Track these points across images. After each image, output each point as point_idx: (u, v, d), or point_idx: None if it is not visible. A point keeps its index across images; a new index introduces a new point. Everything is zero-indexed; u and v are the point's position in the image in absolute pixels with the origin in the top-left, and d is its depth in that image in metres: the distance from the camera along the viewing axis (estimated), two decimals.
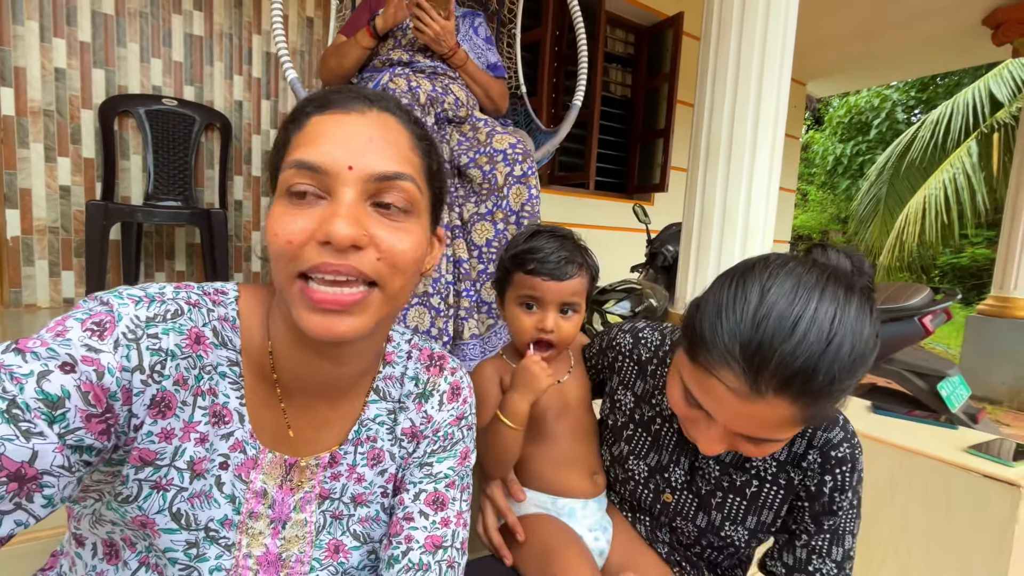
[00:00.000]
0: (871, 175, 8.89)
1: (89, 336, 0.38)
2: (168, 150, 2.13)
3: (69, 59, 1.97)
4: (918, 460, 1.05)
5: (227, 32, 2.29)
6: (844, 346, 0.47)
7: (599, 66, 3.36)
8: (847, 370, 0.48)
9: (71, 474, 0.36)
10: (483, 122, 1.35)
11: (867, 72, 5.00)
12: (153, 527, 0.44)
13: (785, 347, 0.47)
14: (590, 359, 0.86)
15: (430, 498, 0.56)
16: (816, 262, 0.53)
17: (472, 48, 1.50)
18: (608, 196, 3.76)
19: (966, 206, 6.97)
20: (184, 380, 0.44)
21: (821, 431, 0.64)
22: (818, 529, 0.64)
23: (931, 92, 9.86)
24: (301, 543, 0.52)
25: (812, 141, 12.07)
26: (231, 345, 0.48)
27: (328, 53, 1.44)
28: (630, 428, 0.77)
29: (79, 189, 2.05)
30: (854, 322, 0.48)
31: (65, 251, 2.04)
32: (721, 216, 1.49)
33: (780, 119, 1.46)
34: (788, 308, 0.48)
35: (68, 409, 0.35)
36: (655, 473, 0.74)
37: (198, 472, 0.45)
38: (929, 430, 1.19)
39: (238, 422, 0.48)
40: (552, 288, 0.74)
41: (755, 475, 0.67)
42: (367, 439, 0.56)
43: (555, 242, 0.76)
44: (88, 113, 2.03)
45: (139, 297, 0.43)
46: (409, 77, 1.32)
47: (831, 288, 0.49)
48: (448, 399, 0.59)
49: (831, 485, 0.63)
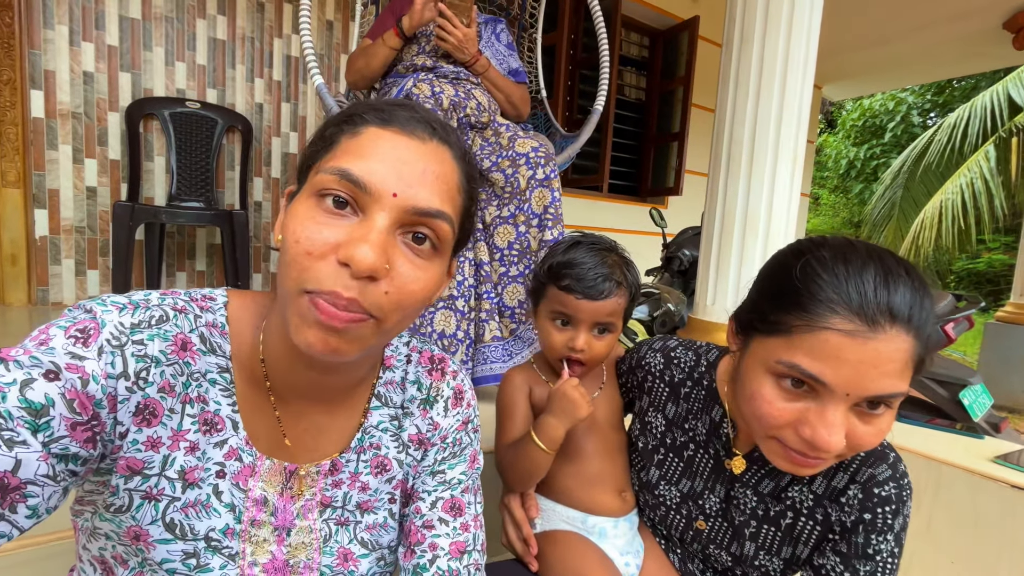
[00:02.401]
0: (886, 179, 8.80)
1: (73, 343, 0.38)
2: (191, 152, 2.17)
3: (97, 63, 2.02)
4: (944, 469, 1.04)
5: (249, 36, 2.33)
6: (923, 288, 0.49)
7: (614, 69, 3.36)
8: (931, 308, 0.49)
9: (56, 483, 0.36)
10: (505, 127, 1.36)
11: (883, 76, 4.95)
12: (147, 539, 0.43)
13: (880, 283, 0.48)
14: (621, 375, 0.84)
15: (447, 505, 0.56)
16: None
17: (494, 54, 1.51)
18: (621, 199, 3.76)
19: (983, 211, 6.88)
20: (171, 387, 0.43)
21: (866, 467, 0.60)
22: (847, 570, 0.58)
23: (947, 96, 9.74)
24: (308, 550, 0.51)
25: (825, 145, 11.96)
26: (220, 351, 0.47)
27: (355, 55, 1.46)
28: (660, 452, 0.74)
29: (105, 190, 2.09)
30: (917, 273, 0.50)
31: (91, 251, 2.09)
32: (742, 222, 1.49)
33: (803, 126, 1.46)
34: (868, 257, 0.50)
35: (52, 417, 0.35)
36: (687, 499, 0.72)
37: (191, 481, 0.45)
38: (952, 439, 1.18)
39: (231, 429, 0.47)
40: (586, 307, 0.71)
41: (790, 506, 0.64)
42: (371, 446, 0.55)
43: (595, 256, 0.73)
44: (115, 116, 2.07)
45: (123, 304, 0.42)
46: (432, 82, 1.34)
47: (889, 252, 0.52)
48: (452, 404, 0.58)
49: (869, 524, 0.58)
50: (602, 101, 1.57)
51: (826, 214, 12.13)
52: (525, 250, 1.26)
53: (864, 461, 0.60)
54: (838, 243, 0.53)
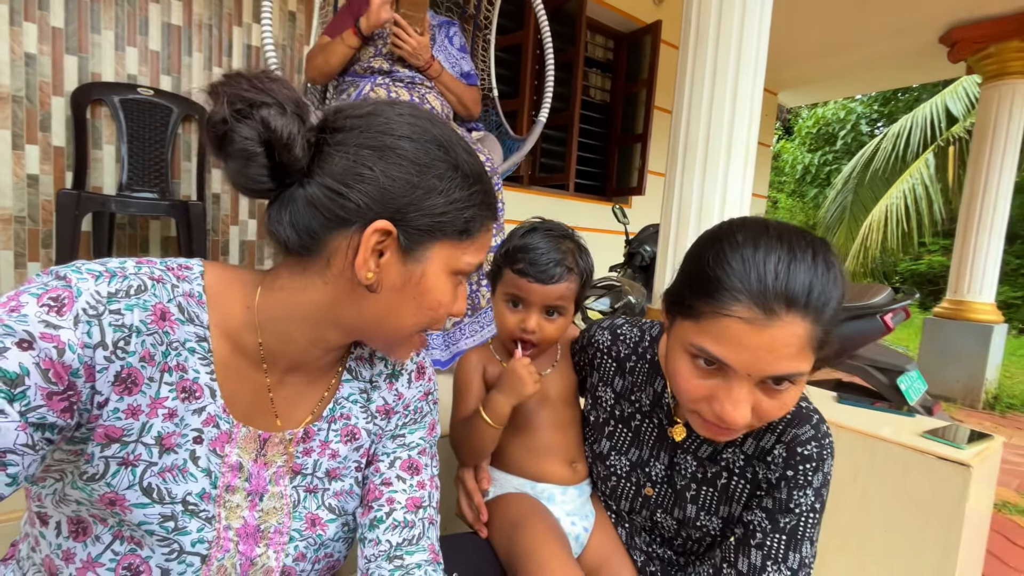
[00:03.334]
0: (837, 184, 9.26)
1: (47, 312, 0.37)
2: (144, 141, 2.08)
3: (40, 44, 1.91)
4: (878, 444, 1.12)
5: (207, 23, 2.26)
6: (829, 271, 0.52)
7: (579, 70, 3.42)
8: (835, 289, 0.52)
9: (35, 452, 0.36)
10: None
11: (833, 85, 5.22)
12: (123, 503, 0.44)
13: (782, 270, 0.51)
14: (575, 354, 0.87)
15: (405, 464, 0.60)
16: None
17: (447, 57, 1.58)
18: (587, 198, 3.83)
19: (924, 215, 7.34)
20: (151, 356, 0.43)
21: (791, 427, 0.64)
22: (773, 527, 0.62)
23: (892, 106, 10.34)
24: (279, 514, 0.53)
25: (782, 150, 12.48)
26: (198, 321, 0.47)
27: (314, 52, 1.49)
28: (611, 424, 0.78)
29: (48, 178, 1.98)
30: (826, 254, 0.53)
31: (32, 241, 1.97)
32: (697, 217, 1.54)
33: (754, 126, 1.53)
34: (777, 241, 0.53)
35: (28, 387, 0.35)
36: (636, 468, 0.75)
37: (168, 447, 0.45)
38: (888, 418, 1.26)
39: (209, 397, 0.48)
40: (537, 290, 0.74)
41: (725, 467, 0.68)
42: (341, 416, 0.58)
43: (549, 242, 0.75)
44: (59, 100, 1.97)
45: (99, 272, 0.41)
46: (389, 87, 1.41)
47: (802, 234, 0.55)
48: (416, 377, 0.63)
49: (791, 480, 0.62)
50: (546, 112, 1.65)
51: (784, 217, 12.64)
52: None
53: (790, 422, 0.65)
54: (753, 227, 0.56)
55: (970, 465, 0.99)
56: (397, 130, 0.47)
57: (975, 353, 3.68)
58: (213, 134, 0.43)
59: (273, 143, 0.43)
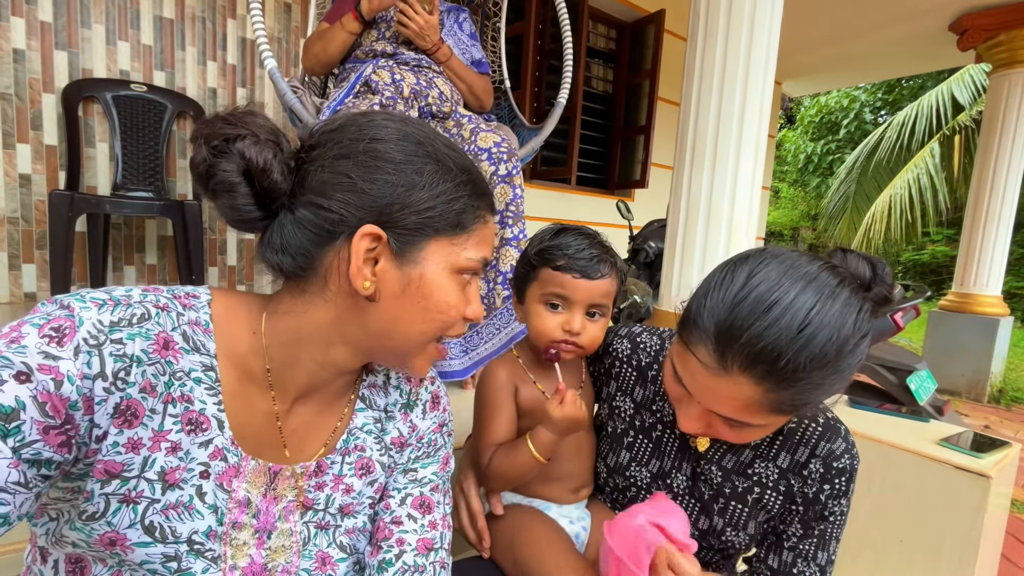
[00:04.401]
0: (840, 173, 9.19)
1: (47, 343, 0.36)
2: (137, 138, 2.04)
3: (29, 39, 1.86)
4: (893, 452, 1.09)
5: (200, 15, 2.20)
6: (817, 337, 0.49)
7: (582, 61, 3.36)
8: (816, 360, 0.49)
9: (28, 490, 0.35)
10: (467, 119, 1.33)
11: (838, 74, 5.14)
12: (124, 543, 0.42)
13: (755, 327, 0.49)
14: (588, 364, 0.84)
15: (416, 502, 0.58)
16: (821, 259, 0.54)
17: (456, 44, 1.48)
18: (590, 191, 3.78)
19: (928, 205, 7.28)
20: (152, 387, 0.41)
21: (824, 442, 0.64)
22: (807, 533, 0.65)
23: (896, 94, 10.21)
24: (288, 553, 0.51)
25: (784, 140, 12.37)
26: (204, 350, 0.46)
27: (312, 39, 1.40)
28: (630, 435, 0.76)
29: (40, 178, 1.94)
30: (836, 317, 0.49)
31: (26, 243, 1.94)
32: (706, 214, 1.51)
33: (764, 121, 1.49)
34: (767, 292, 0.50)
35: (23, 421, 0.34)
36: (657, 479, 0.74)
37: (171, 482, 0.43)
38: (900, 423, 1.24)
39: (217, 428, 0.46)
40: (583, 287, 0.70)
41: (757, 481, 0.67)
42: (355, 448, 0.55)
43: (584, 240, 0.72)
44: (50, 97, 1.93)
45: (103, 300, 0.40)
46: (393, 69, 1.30)
47: (822, 281, 0.51)
48: (430, 408, 0.61)
49: (828, 493, 0.64)
50: (565, 94, 1.56)
51: (785, 207, 12.58)
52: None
53: (822, 436, 0.65)
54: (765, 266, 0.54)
55: (990, 476, 0.96)
56: (369, 134, 0.47)
57: (981, 347, 3.65)
58: (197, 174, 0.44)
59: (252, 171, 0.43)
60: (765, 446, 0.68)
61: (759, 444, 0.68)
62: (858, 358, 0.51)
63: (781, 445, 0.67)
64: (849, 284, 0.52)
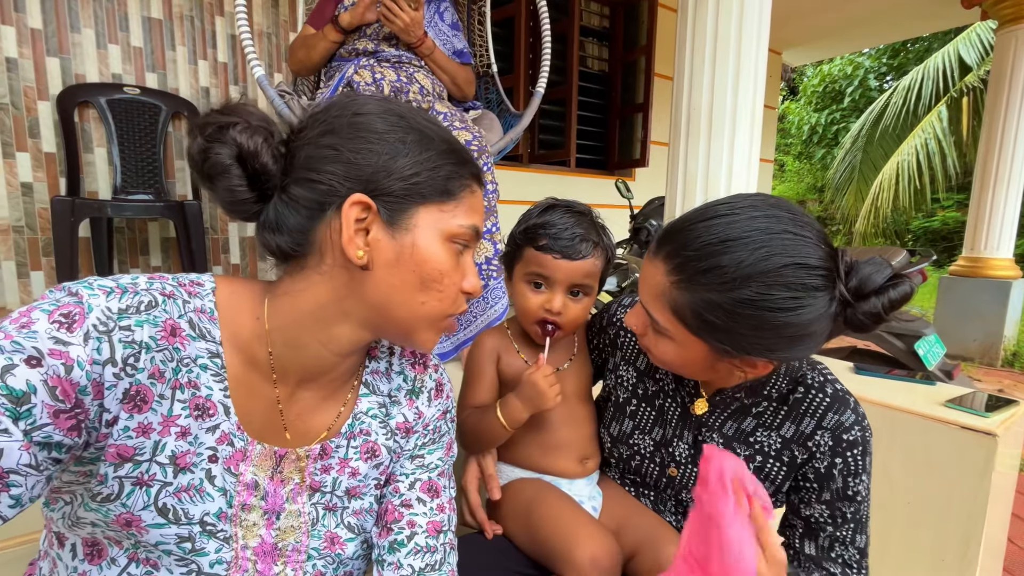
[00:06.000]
0: (846, 143, 9.02)
1: (57, 328, 0.37)
2: (134, 141, 2.05)
3: (20, 47, 1.87)
4: (898, 416, 1.09)
5: (188, 14, 2.19)
6: (732, 253, 0.51)
7: (575, 40, 3.31)
8: (719, 273, 0.51)
9: (39, 472, 0.36)
10: (443, 116, 1.34)
11: (840, 39, 5.02)
12: (139, 524, 0.43)
13: (693, 226, 0.54)
14: (592, 339, 0.85)
15: (425, 486, 0.59)
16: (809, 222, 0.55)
17: (437, 35, 1.49)
18: (590, 173, 3.75)
19: (937, 170, 7.13)
20: (160, 373, 0.43)
21: (832, 413, 0.63)
22: (842, 520, 0.63)
23: (902, 58, 9.96)
24: (297, 533, 0.53)
25: (788, 111, 12.15)
26: (210, 337, 0.47)
27: (296, 45, 1.43)
28: (633, 403, 0.77)
29: (42, 185, 1.96)
30: (766, 253, 0.50)
31: (32, 251, 1.97)
32: (704, 189, 1.49)
33: (759, 90, 1.46)
34: (726, 208, 0.54)
35: (34, 405, 0.35)
36: (660, 447, 0.74)
37: (182, 466, 0.45)
38: (908, 387, 1.23)
39: (223, 414, 0.47)
40: (563, 267, 0.70)
41: (759, 450, 0.68)
42: (360, 432, 0.56)
43: (570, 218, 0.72)
44: (45, 105, 1.94)
45: (110, 288, 0.41)
46: (374, 68, 1.33)
47: (783, 223, 0.52)
48: (435, 395, 0.62)
49: (842, 469, 0.62)
50: (543, 84, 1.57)
51: (791, 180, 12.40)
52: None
53: (829, 407, 0.64)
54: (733, 201, 0.58)
55: (995, 434, 0.95)
56: (352, 109, 0.49)
57: (993, 311, 3.60)
58: (194, 163, 0.46)
59: (244, 155, 0.45)
60: (769, 415, 0.67)
61: (762, 412, 0.68)
62: (774, 310, 0.50)
63: (786, 415, 0.66)
64: (817, 248, 0.52)
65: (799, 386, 0.66)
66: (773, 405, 0.67)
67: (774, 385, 0.67)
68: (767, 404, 0.67)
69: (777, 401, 0.67)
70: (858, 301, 0.53)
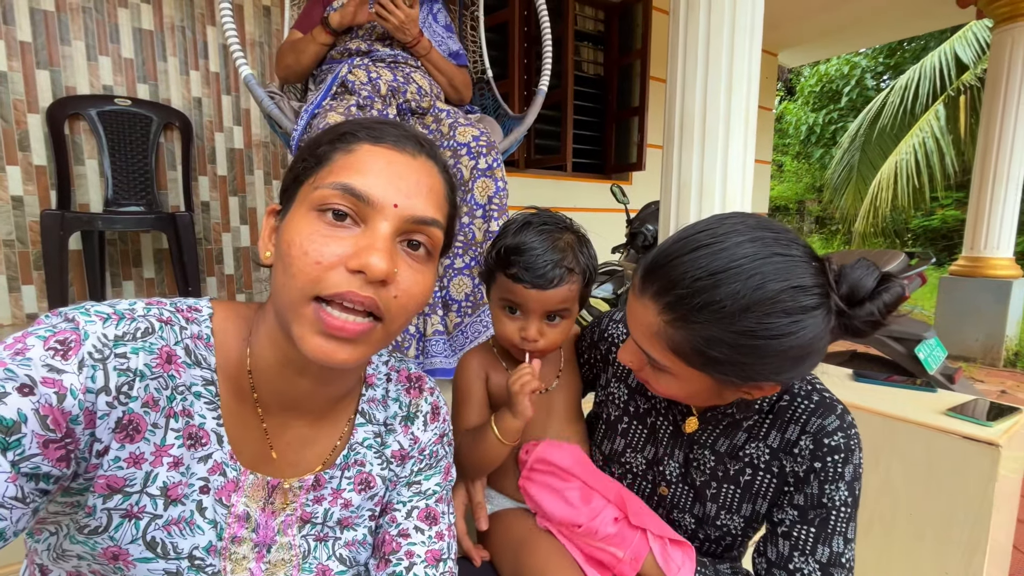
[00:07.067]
0: (844, 143, 9.00)
1: (52, 356, 0.36)
2: (126, 153, 2.04)
3: (10, 60, 1.86)
4: (899, 426, 1.07)
5: (179, 25, 2.18)
6: (725, 286, 0.49)
7: (570, 45, 3.30)
8: (714, 308, 0.49)
9: (25, 505, 0.34)
10: (446, 113, 1.31)
11: (836, 40, 5.01)
12: (126, 558, 0.42)
13: (678, 260, 0.52)
14: (582, 353, 0.83)
15: (422, 514, 0.57)
16: (793, 236, 0.53)
17: (432, 36, 1.45)
18: (586, 177, 3.74)
19: (935, 169, 7.11)
20: (154, 401, 0.41)
21: (816, 418, 0.61)
22: (802, 520, 0.60)
23: (899, 57, 9.96)
24: (287, 567, 0.51)
25: (785, 112, 12.15)
26: (205, 364, 0.46)
27: (284, 49, 1.39)
28: (624, 421, 0.75)
29: (32, 199, 1.95)
30: (759, 279, 0.49)
31: (23, 265, 1.95)
32: (698, 192, 1.47)
33: (753, 91, 1.44)
34: (708, 236, 0.52)
35: (24, 435, 0.33)
36: (652, 466, 0.72)
37: (173, 498, 0.43)
38: (908, 395, 1.21)
39: (216, 443, 0.46)
40: (535, 297, 0.67)
41: (748, 463, 0.66)
42: (355, 463, 0.55)
43: (545, 240, 0.68)
44: (35, 118, 1.93)
45: (107, 314, 0.40)
46: (369, 68, 1.27)
47: (769, 245, 0.50)
48: (431, 419, 0.60)
49: (819, 472, 0.60)
50: (546, 81, 1.54)
51: (789, 181, 12.38)
52: (470, 242, 1.22)
53: (814, 412, 0.62)
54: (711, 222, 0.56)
55: (999, 444, 0.93)
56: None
57: (994, 310, 3.57)
58: None
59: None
60: (756, 425, 0.66)
61: (751, 424, 0.66)
62: (776, 336, 0.48)
63: (771, 424, 0.64)
64: (807, 266, 0.50)
65: (785, 394, 0.64)
66: (760, 415, 0.65)
67: (766, 397, 0.65)
68: (758, 417, 0.66)
69: (766, 412, 0.65)
70: (853, 308, 0.52)
